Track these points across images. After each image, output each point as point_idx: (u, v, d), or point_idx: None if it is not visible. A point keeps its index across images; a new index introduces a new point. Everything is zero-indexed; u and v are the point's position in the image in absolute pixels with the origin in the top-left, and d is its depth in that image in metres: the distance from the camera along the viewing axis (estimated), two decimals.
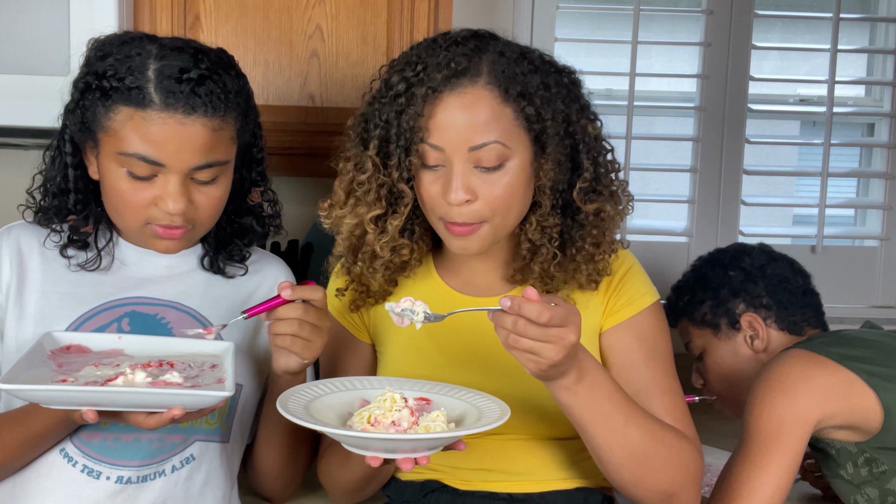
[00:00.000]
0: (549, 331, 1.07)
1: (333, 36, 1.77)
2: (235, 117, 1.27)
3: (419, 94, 1.22)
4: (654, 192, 2.56)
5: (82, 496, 1.23)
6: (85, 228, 1.32)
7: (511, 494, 1.32)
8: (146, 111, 1.20)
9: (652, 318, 1.36)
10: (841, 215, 2.62)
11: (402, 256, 1.32)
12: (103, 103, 1.22)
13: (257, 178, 1.39)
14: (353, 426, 1.14)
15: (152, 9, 1.72)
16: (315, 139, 1.76)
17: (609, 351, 1.35)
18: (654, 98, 2.41)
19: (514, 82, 1.22)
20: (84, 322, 1.28)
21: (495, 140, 1.21)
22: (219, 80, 1.23)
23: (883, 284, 2.43)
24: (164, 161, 1.21)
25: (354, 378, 1.30)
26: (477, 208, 1.23)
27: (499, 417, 1.13)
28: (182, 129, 1.21)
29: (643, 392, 1.30)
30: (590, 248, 1.31)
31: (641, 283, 1.37)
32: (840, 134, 2.46)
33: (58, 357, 1.20)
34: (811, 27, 2.54)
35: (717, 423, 2.15)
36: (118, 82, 1.21)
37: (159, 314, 1.32)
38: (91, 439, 1.25)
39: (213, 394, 1.10)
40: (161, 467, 1.27)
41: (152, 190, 1.24)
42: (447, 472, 1.35)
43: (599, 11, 2.48)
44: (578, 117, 1.29)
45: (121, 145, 1.22)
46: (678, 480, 1.24)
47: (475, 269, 1.39)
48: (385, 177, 1.26)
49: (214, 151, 1.24)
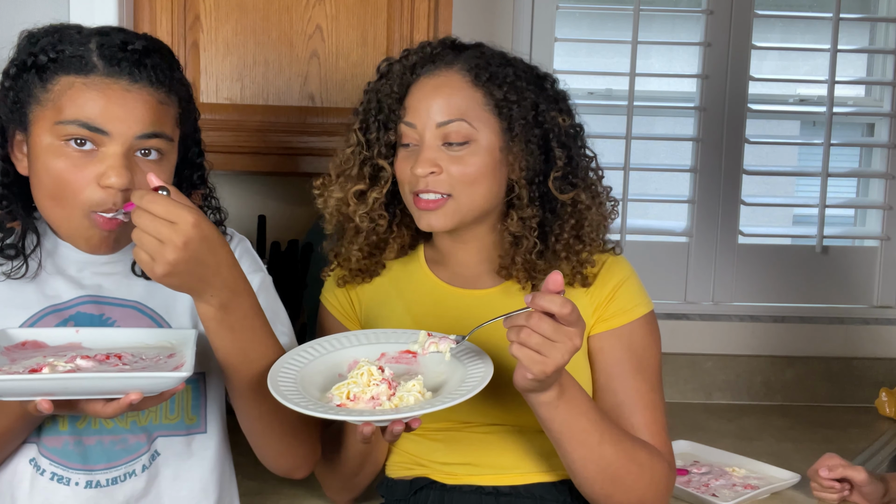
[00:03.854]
0: (561, 329, 1.10)
1: (333, 36, 1.77)
2: (179, 101, 1.22)
3: (397, 73, 1.35)
4: (654, 192, 2.56)
5: (55, 503, 1.21)
6: (11, 224, 1.24)
7: (497, 488, 1.34)
8: (88, 76, 1.14)
9: (643, 331, 1.37)
10: (841, 215, 2.62)
11: (379, 228, 1.39)
12: (40, 77, 1.16)
13: (198, 181, 1.33)
14: (332, 398, 1.15)
15: (152, 9, 1.72)
16: (315, 139, 1.77)
17: (597, 354, 1.36)
18: (654, 98, 2.41)
19: (484, 70, 1.32)
20: (31, 326, 1.23)
21: (461, 118, 1.30)
22: (164, 58, 1.20)
23: (883, 284, 2.43)
24: (108, 128, 1.14)
25: (341, 335, 1.30)
26: (442, 179, 1.30)
27: (476, 385, 1.13)
28: (127, 94, 1.15)
29: (626, 404, 1.33)
30: (570, 238, 1.35)
31: (636, 294, 1.38)
32: (840, 134, 2.46)
33: (12, 353, 1.16)
34: (811, 27, 2.54)
35: (717, 423, 2.16)
36: (57, 53, 1.15)
37: (105, 314, 1.26)
38: (55, 445, 1.22)
39: (169, 375, 1.06)
40: (130, 468, 1.25)
41: (94, 166, 1.15)
42: (435, 468, 1.37)
43: (599, 11, 2.48)
44: (548, 107, 1.35)
45: (59, 115, 1.15)
46: (648, 497, 1.28)
47: (463, 261, 1.41)
48: (367, 152, 1.36)
49: (160, 123, 1.18)
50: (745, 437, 2.03)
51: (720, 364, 2.33)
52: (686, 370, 2.32)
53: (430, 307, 1.39)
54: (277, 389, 1.13)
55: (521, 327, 1.11)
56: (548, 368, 1.11)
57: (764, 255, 2.41)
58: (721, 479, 1.72)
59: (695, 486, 1.68)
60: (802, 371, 2.34)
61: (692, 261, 2.40)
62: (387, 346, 1.27)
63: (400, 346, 1.27)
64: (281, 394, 1.12)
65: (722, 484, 1.69)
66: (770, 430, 2.10)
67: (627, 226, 2.33)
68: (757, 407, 2.29)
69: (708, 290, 2.41)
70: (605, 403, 1.34)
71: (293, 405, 1.10)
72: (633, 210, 2.39)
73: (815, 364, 2.34)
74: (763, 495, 1.66)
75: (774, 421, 2.17)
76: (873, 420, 2.21)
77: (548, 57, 2.26)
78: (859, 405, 2.32)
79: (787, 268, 2.41)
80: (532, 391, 1.17)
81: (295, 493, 1.54)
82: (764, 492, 1.66)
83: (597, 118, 1.45)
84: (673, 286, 2.39)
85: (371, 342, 1.28)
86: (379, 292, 1.44)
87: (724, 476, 1.73)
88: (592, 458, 1.23)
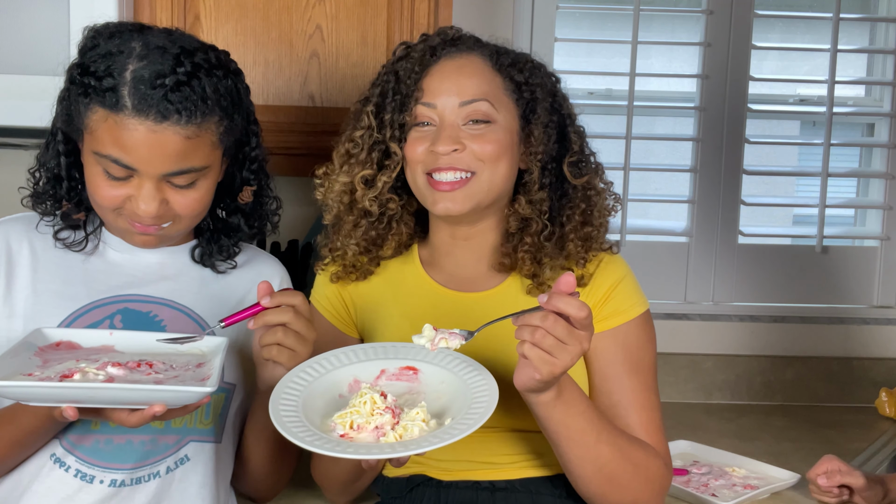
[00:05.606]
0: (574, 332, 1.10)
1: (333, 36, 1.77)
2: (217, 121, 1.23)
3: (416, 56, 1.35)
4: (654, 192, 2.56)
5: (75, 500, 1.22)
6: (77, 216, 1.31)
7: (493, 482, 1.34)
8: (119, 115, 1.18)
9: (638, 330, 1.37)
10: (841, 215, 2.62)
11: (389, 212, 1.39)
12: (83, 101, 1.21)
13: (249, 176, 1.36)
14: (335, 427, 1.13)
15: (152, 9, 1.72)
16: (315, 139, 1.76)
17: (593, 354, 1.36)
18: (654, 98, 2.41)
19: (505, 55, 1.36)
20: (76, 319, 1.27)
21: (484, 98, 1.32)
22: (197, 86, 1.20)
23: (883, 284, 2.43)
24: (136, 166, 1.20)
25: (339, 351, 1.27)
26: (464, 156, 1.31)
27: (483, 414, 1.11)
28: (153, 136, 1.18)
29: (622, 404, 1.33)
30: (579, 222, 1.36)
31: (632, 294, 1.38)
32: (840, 134, 2.46)
33: (45, 353, 1.18)
34: (811, 27, 2.54)
35: (717, 423, 2.16)
36: (96, 81, 1.19)
37: (152, 311, 1.31)
38: (83, 442, 1.24)
39: (193, 389, 1.08)
40: (155, 469, 1.26)
41: (127, 189, 1.22)
42: (431, 465, 1.37)
43: (599, 11, 2.48)
44: (563, 100, 1.39)
45: (96, 145, 1.21)
46: (643, 496, 1.29)
47: (460, 260, 1.41)
48: (378, 134, 1.35)
49: (189, 158, 1.21)
50: (744, 437, 2.03)
51: (720, 364, 2.33)
52: (686, 370, 2.32)
53: (427, 310, 1.39)
54: (281, 423, 1.11)
55: (535, 328, 1.10)
56: (556, 370, 1.11)
57: (764, 256, 2.41)
58: (721, 479, 1.72)
59: (694, 486, 1.68)
60: (802, 371, 2.34)
61: (692, 261, 2.40)
62: (385, 361, 1.25)
63: (399, 362, 1.25)
64: (285, 427, 1.11)
65: (722, 484, 1.69)
66: (770, 430, 2.10)
67: (627, 226, 2.33)
68: (757, 407, 2.29)
69: (708, 290, 2.41)
70: (601, 403, 1.34)
71: (301, 442, 1.08)
72: (633, 210, 2.39)
73: (815, 364, 2.34)
74: (763, 495, 1.66)
75: (774, 421, 2.17)
76: (873, 420, 2.21)
77: (548, 57, 2.25)
78: (859, 405, 2.32)
79: (787, 268, 2.41)
80: (533, 391, 1.17)
81: (295, 492, 1.54)
82: (764, 492, 1.66)
83: (597, 118, 1.45)
84: (673, 286, 2.39)
85: (370, 358, 1.26)
86: (374, 295, 1.43)
87: (723, 476, 1.73)
88: (589, 458, 1.24)
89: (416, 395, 1.21)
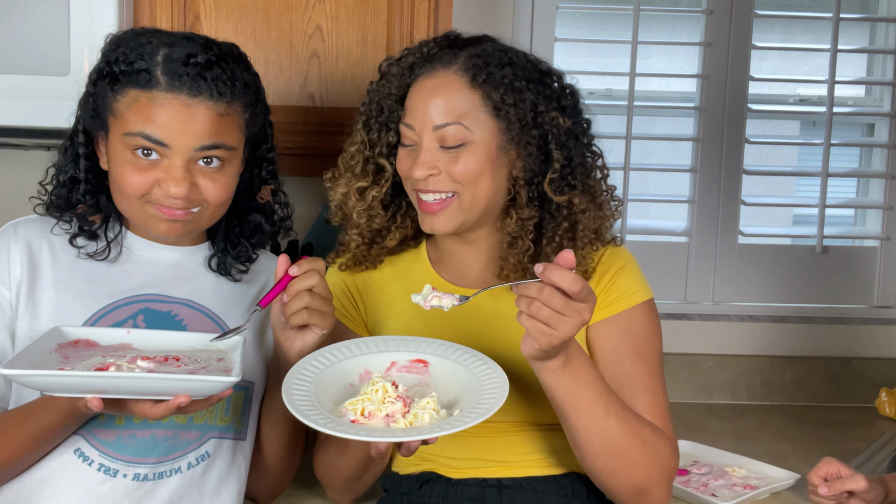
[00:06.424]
0: (572, 303, 1.10)
1: (333, 36, 1.77)
2: (243, 106, 1.28)
3: (395, 75, 1.36)
4: (653, 192, 2.56)
5: (99, 495, 1.23)
6: (92, 217, 1.32)
7: (500, 480, 1.35)
8: (152, 92, 1.21)
9: (642, 316, 1.37)
10: (841, 215, 2.62)
11: (373, 225, 1.41)
12: (112, 88, 1.24)
13: (267, 176, 1.39)
14: (346, 413, 1.15)
15: (152, 9, 1.72)
16: (315, 139, 1.77)
17: (595, 343, 1.36)
18: (654, 98, 2.41)
19: (482, 71, 1.31)
20: (99, 319, 1.28)
21: (457, 121, 1.29)
22: (226, 68, 1.25)
23: (883, 284, 2.43)
24: (168, 141, 1.22)
25: (351, 342, 1.29)
26: (442, 178, 1.31)
27: (493, 405, 1.13)
28: (186, 109, 1.21)
29: (626, 387, 1.32)
30: (562, 241, 1.34)
31: (635, 281, 1.38)
32: (840, 134, 2.46)
33: (64, 350, 1.19)
34: (811, 27, 2.54)
35: (717, 423, 2.16)
36: (128, 66, 1.23)
37: (173, 311, 1.32)
38: (107, 437, 1.25)
39: (217, 379, 1.10)
40: (177, 464, 1.27)
41: (156, 172, 1.24)
42: (441, 463, 1.37)
43: (599, 11, 2.48)
44: (548, 108, 1.33)
45: (126, 125, 1.23)
46: (651, 475, 1.27)
47: (466, 262, 1.42)
48: (369, 151, 1.38)
49: (220, 134, 1.25)
50: (744, 437, 2.03)
51: (720, 364, 2.33)
52: (686, 370, 2.32)
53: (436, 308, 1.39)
54: (294, 405, 1.13)
55: (531, 300, 1.11)
56: (554, 341, 1.12)
57: (764, 255, 2.41)
58: (721, 479, 1.72)
59: (694, 486, 1.68)
60: (802, 371, 2.34)
61: (692, 261, 2.40)
62: (397, 354, 1.27)
63: (410, 355, 1.26)
64: (298, 409, 1.12)
65: (722, 484, 1.69)
66: (770, 430, 2.10)
67: (627, 226, 2.33)
68: (757, 407, 2.30)
69: (708, 290, 2.41)
70: None
71: (313, 424, 1.10)
72: (633, 210, 2.39)
73: (815, 364, 2.34)
74: (763, 495, 1.66)
75: (774, 421, 2.17)
76: (873, 420, 2.21)
77: (548, 57, 2.23)
78: (859, 405, 2.32)
79: (787, 268, 2.41)
80: (538, 359, 1.17)
81: (295, 493, 1.54)
82: (763, 492, 1.66)
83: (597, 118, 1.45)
84: (673, 286, 2.39)
85: (381, 350, 1.28)
86: (384, 289, 1.44)
87: (723, 476, 1.73)
88: (597, 430, 1.22)
89: (426, 388, 1.22)
